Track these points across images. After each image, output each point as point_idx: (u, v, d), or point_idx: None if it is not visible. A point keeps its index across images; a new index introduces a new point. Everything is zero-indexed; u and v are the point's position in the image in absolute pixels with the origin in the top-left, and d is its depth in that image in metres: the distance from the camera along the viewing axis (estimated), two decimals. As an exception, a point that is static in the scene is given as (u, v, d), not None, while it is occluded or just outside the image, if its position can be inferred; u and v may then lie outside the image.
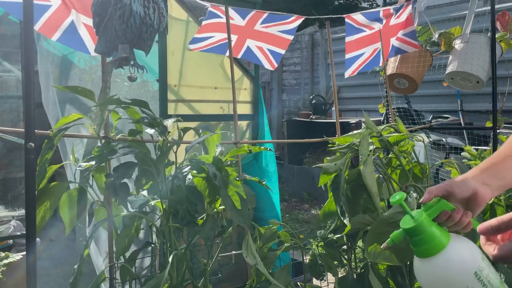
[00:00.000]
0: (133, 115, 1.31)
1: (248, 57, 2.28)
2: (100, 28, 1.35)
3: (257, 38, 2.25)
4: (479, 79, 2.53)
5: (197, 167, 1.27)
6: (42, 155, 1.22)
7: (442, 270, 0.83)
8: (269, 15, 2.22)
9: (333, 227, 1.60)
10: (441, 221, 0.87)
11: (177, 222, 1.25)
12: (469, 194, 0.89)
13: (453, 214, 0.87)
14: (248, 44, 2.25)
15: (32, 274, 1.14)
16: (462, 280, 0.82)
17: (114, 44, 1.34)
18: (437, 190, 0.89)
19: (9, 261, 2.13)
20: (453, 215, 0.87)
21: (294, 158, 6.45)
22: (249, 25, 2.22)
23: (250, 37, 2.24)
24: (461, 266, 0.83)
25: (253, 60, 2.32)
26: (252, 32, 2.23)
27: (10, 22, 3.08)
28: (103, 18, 1.32)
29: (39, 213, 1.24)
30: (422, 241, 0.84)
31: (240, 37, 2.22)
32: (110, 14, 1.29)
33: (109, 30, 1.32)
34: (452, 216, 0.87)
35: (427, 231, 0.84)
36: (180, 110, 2.65)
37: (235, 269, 2.36)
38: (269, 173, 2.69)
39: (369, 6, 15.28)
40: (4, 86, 4.17)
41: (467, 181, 0.90)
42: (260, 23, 2.23)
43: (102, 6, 1.32)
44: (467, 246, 0.86)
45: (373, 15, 2.46)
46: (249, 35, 2.23)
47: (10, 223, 2.92)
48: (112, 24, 1.30)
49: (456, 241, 0.86)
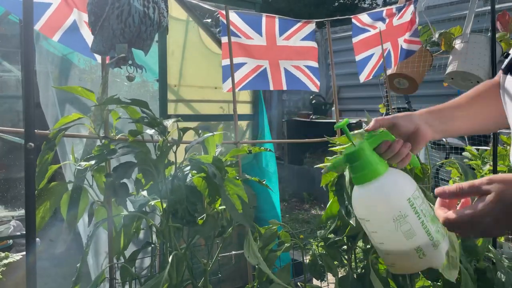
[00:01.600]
0: (133, 115, 1.31)
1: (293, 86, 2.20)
2: (96, 27, 1.34)
3: (288, 56, 2.18)
4: (479, 79, 2.53)
5: (197, 167, 1.27)
6: (42, 156, 1.22)
7: (377, 194, 0.86)
8: (280, 21, 2.16)
9: (333, 227, 1.60)
10: (382, 151, 0.90)
11: (177, 222, 1.25)
12: (412, 130, 0.92)
13: (393, 144, 0.90)
14: (284, 67, 2.18)
15: (32, 274, 1.14)
16: (394, 205, 0.85)
17: (111, 43, 1.34)
18: (383, 120, 0.93)
19: (9, 261, 2.12)
20: (393, 145, 0.90)
21: (294, 158, 6.45)
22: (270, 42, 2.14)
23: (281, 57, 2.17)
24: (395, 191, 0.86)
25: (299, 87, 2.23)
26: (279, 50, 2.16)
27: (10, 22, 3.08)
28: (100, 17, 1.31)
29: (38, 213, 1.24)
30: (360, 166, 0.87)
31: (272, 61, 2.14)
32: (107, 13, 1.29)
33: (105, 29, 1.31)
34: (392, 146, 0.89)
35: (366, 157, 0.87)
36: (180, 110, 2.65)
37: (235, 269, 2.36)
38: (269, 173, 2.68)
39: (369, 6, 15.29)
40: (4, 86, 4.17)
41: (412, 117, 0.94)
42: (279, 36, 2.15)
43: (98, 5, 1.31)
44: (403, 176, 0.89)
45: (377, 15, 2.47)
46: (278, 55, 2.16)
47: (10, 223, 2.92)
48: (109, 23, 1.29)
49: (393, 171, 0.89)
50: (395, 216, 0.84)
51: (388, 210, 0.85)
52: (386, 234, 0.87)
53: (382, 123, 0.92)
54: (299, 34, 2.21)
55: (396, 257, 0.88)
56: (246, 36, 2.10)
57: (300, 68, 2.22)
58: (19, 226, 2.89)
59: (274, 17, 2.16)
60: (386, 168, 0.88)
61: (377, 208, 0.86)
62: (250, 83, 2.11)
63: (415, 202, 0.85)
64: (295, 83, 2.20)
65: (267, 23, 2.14)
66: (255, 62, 2.11)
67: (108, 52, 1.39)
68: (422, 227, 0.85)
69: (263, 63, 2.12)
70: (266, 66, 2.13)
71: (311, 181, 5.82)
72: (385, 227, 0.86)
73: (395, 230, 0.84)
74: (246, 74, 2.10)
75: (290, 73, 2.19)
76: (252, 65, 2.11)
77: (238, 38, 2.08)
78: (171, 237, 1.29)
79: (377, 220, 0.87)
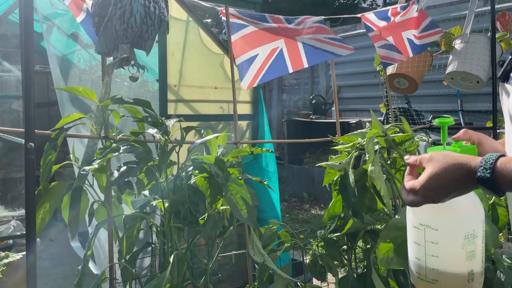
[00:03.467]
0: (135, 114, 1.31)
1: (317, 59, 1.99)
2: (100, 28, 1.35)
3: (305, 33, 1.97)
4: (479, 79, 2.53)
5: (199, 167, 1.27)
6: (45, 156, 1.22)
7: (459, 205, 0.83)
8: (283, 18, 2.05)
9: (333, 227, 1.60)
10: None
11: (179, 222, 1.25)
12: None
13: None
14: (303, 41, 1.95)
15: (32, 274, 1.14)
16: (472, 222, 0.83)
17: (114, 44, 1.34)
18: (472, 133, 0.96)
19: (9, 261, 2.12)
20: None
21: (294, 158, 6.45)
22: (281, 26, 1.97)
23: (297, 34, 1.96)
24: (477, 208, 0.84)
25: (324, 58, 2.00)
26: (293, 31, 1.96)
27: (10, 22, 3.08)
28: (103, 18, 1.32)
29: (39, 214, 1.24)
30: None
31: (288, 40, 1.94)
32: (110, 14, 1.29)
33: (109, 30, 1.32)
34: None
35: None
36: (180, 110, 2.65)
37: (235, 269, 2.36)
38: (269, 173, 2.68)
39: (369, 7, 15.29)
40: (4, 86, 4.17)
41: (496, 143, 0.98)
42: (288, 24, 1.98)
43: (102, 6, 1.31)
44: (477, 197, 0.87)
45: (382, 14, 2.46)
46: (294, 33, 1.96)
47: (10, 223, 2.92)
48: (113, 24, 1.30)
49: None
50: (468, 233, 0.82)
51: (465, 226, 0.82)
52: (448, 249, 0.83)
53: (470, 135, 0.95)
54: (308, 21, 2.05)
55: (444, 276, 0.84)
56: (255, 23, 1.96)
57: (321, 40, 1.99)
58: (19, 226, 2.89)
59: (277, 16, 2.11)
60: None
61: (453, 220, 0.83)
62: (267, 73, 1.94)
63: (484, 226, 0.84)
64: (318, 56, 1.99)
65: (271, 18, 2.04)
66: (269, 47, 1.94)
67: (111, 53, 1.39)
68: (482, 253, 0.84)
69: (278, 44, 1.95)
70: (282, 46, 1.95)
71: (311, 181, 5.82)
72: (451, 242, 0.83)
73: (460, 247, 0.82)
74: (261, 65, 1.95)
75: (310, 47, 1.97)
76: (265, 53, 1.95)
77: (247, 28, 1.93)
78: (172, 237, 1.29)
79: (447, 232, 0.83)
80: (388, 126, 1.55)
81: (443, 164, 0.79)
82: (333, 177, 1.53)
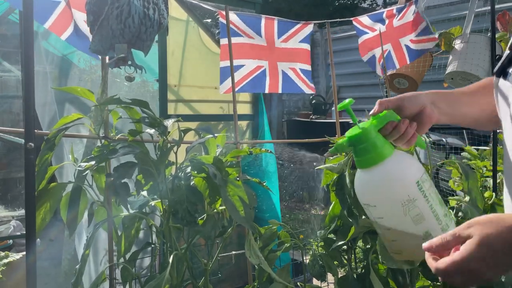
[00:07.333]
0: (133, 115, 1.31)
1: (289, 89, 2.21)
2: (95, 27, 1.34)
3: (285, 58, 2.19)
4: (479, 79, 2.52)
5: (197, 167, 1.27)
6: (41, 156, 1.22)
7: (384, 178, 0.82)
8: (279, 23, 2.18)
9: (333, 227, 1.60)
10: (387, 132, 0.86)
11: (177, 222, 1.25)
12: (417, 110, 0.88)
13: (399, 124, 0.86)
14: (282, 69, 2.18)
15: (32, 274, 1.14)
16: (403, 189, 0.81)
17: (110, 43, 1.33)
18: (388, 102, 0.89)
19: (9, 261, 2.12)
20: (399, 126, 0.86)
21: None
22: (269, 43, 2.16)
23: (279, 59, 2.18)
24: (403, 174, 0.82)
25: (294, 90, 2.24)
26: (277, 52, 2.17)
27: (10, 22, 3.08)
28: (99, 17, 1.31)
29: (39, 214, 1.23)
30: (365, 150, 0.83)
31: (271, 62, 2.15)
32: (107, 13, 1.28)
33: (104, 29, 1.31)
34: (398, 127, 0.86)
35: (370, 139, 0.83)
36: (180, 110, 2.65)
37: (235, 269, 2.36)
38: (269, 173, 2.68)
39: (369, 7, 15.28)
40: (4, 86, 4.17)
41: (418, 97, 0.90)
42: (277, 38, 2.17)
43: (97, 5, 1.30)
44: (410, 158, 0.87)
45: (377, 16, 2.47)
46: (277, 57, 2.17)
47: (10, 223, 2.92)
48: (109, 23, 1.29)
49: (400, 153, 0.86)
50: (404, 200, 0.81)
51: (396, 195, 0.81)
52: (394, 220, 0.83)
53: (387, 105, 0.88)
54: (297, 37, 2.22)
55: (403, 244, 0.85)
56: (248, 36, 2.10)
57: (295, 71, 2.22)
58: (19, 226, 2.89)
59: (273, 19, 2.16)
60: (392, 150, 0.84)
61: (384, 193, 0.82)
62: (246, 86, 2.10)
63: (423, 186, 0.82)
64: (290, 86, 2.20)
65: (266, 25, 2.15)
66: (256, 63, 2.10)
67: (107, 52, 1.38)
68: (431, 211, 0.82)
69: (263, 64, 2.12)
70: (266, 67, 2.13)
71: (311, 181, 5.82)
72: (392, 213, 0.82)
73: (403, 215, 0.81)
74: (244, 76, 2.09)
75: (287, 75, 2.19)
76: (251, 67, 2.10)
77: (239, 37, 2.07)
78: (171, 237, 1.29)
79: (384, 205, 0.83)
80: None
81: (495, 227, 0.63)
82: (331, 178, 1.53)
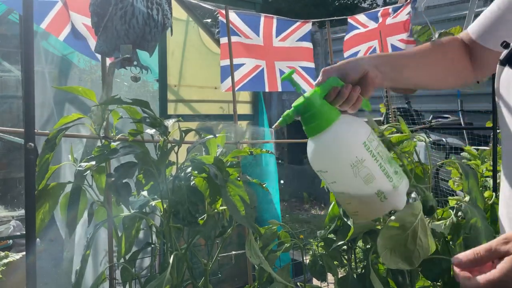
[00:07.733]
0: (134, 115, 1.31)
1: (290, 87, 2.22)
2: (99, 28, 1.35)
3: (283, 57, 2.20)
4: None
5: (198, 167, 1.27)
6: (42, 156, 1.22)
7: (331, 143, 0.84)
8: (278, 21, 2.19)
9: (333, 227, 1.60)
10: (332, 98, 0.87)
11: (178, 222, 1.25)
12: (361, 75, 0.89)
13: (342, 89, 0.87)
14: (280, 68, 2.19)
15: (32, 274, 1.14)
16: (350, 151, 0.83)
17: (115, 44, 1.34)
18: (331, 69, 0.90)
19: (9, 261, 2.12)
20: (342, 91, 0.87)
21: (294, 158, 6.45)
22: (267, 43, 2.17)
23: (277, 58, 2.19)
24: (349, 137, 0.84)
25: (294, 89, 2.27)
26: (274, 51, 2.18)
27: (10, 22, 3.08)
28: (103, 18, 1.31)
29: (38, 215, 1.23)
30: (312, 117, 0.85)
31: (269, 62, 2.17)
32: (110, 14, 1.29)
33: (109, 30, 1.31)
34: (341, 92, 0.87)
35: (316, 106, 0.84)
36: (180, 110, 2.65)
37: (235, 269, 2.36)
38: (269, 173, 2.68)
39: (369, 6, 15.29)
40: (4, 86, 4.17)
41: (360, 61, 0.91)
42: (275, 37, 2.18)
43: (101, 6, 1.31)
44: (356, 120, 0.88)
45: (373, 15, 2.49)
46: (274, 57, 2.18)
47: (10, 223, 2.92)
48: (113, 24, 1.29)
49: (346, 117, 0.87)
50: (352, 162, 0.82)
51: (344, 157, 0.83)
52: (346, 182, 0.85)
53: (330, 73, 0.89)
54: (295, 35, 2.23)
55: (358, 204, 0.87)
56: (245, 36, 2.11)
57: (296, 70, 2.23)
58: (19, 226, 2.89)
59: (272, 18, 2.17)
60: (338, 115, 0.86)
61: (332, 157, 0.84)
62: (247, 84, 2.13)
63: (371, 145, 0.84)
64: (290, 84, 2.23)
65: (265, 23, 2.16)
66: (254, 62, 2.12)
67: (112, 53, 1.39)
68: (381, 170, 0.84)
69: (261, 63, 2.14)
70: (264, 66, 2.15)
71: (311, 181, 5.82)
72: (343, 175, 0.84)
73: (353, 176, 0.83)
74: (245, 75, 2.12)
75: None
76: (251, 65, 2.12)
77: (238, 37, 2.08)
78: (172, 237, 1.29)
79: (334, 169, 0.85)
80: (385, 127, 1.55)
81: None
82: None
